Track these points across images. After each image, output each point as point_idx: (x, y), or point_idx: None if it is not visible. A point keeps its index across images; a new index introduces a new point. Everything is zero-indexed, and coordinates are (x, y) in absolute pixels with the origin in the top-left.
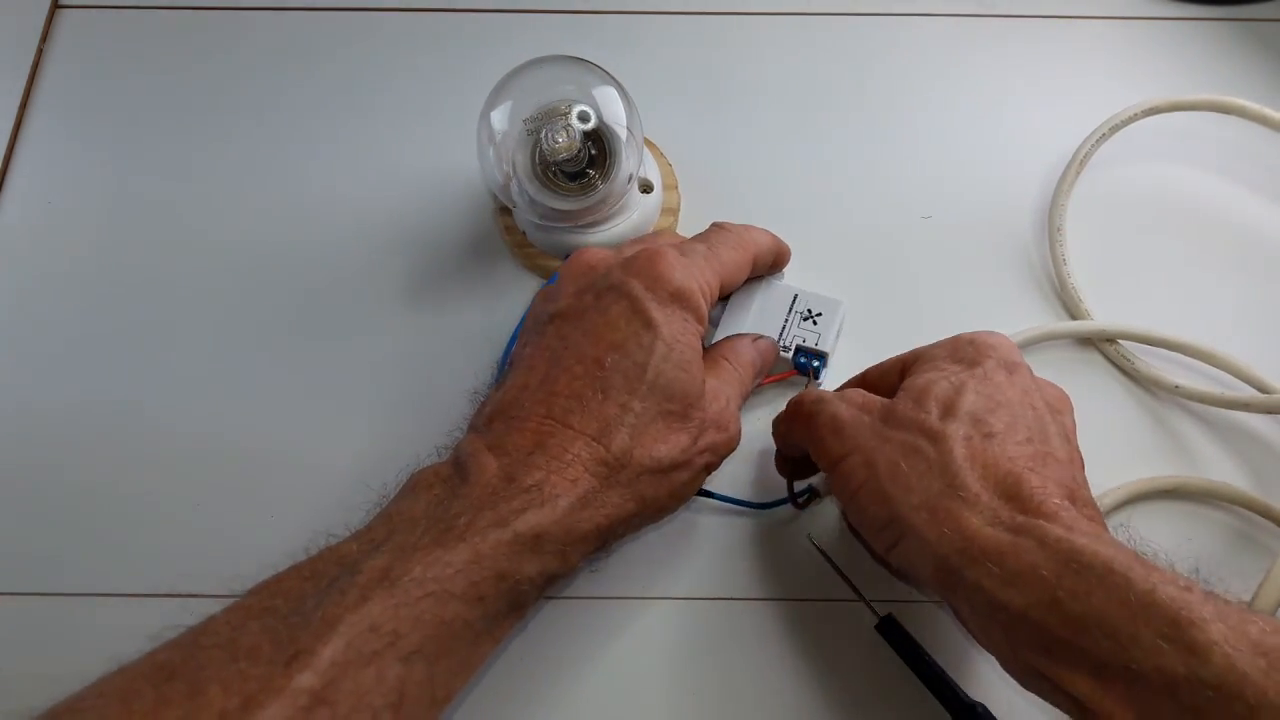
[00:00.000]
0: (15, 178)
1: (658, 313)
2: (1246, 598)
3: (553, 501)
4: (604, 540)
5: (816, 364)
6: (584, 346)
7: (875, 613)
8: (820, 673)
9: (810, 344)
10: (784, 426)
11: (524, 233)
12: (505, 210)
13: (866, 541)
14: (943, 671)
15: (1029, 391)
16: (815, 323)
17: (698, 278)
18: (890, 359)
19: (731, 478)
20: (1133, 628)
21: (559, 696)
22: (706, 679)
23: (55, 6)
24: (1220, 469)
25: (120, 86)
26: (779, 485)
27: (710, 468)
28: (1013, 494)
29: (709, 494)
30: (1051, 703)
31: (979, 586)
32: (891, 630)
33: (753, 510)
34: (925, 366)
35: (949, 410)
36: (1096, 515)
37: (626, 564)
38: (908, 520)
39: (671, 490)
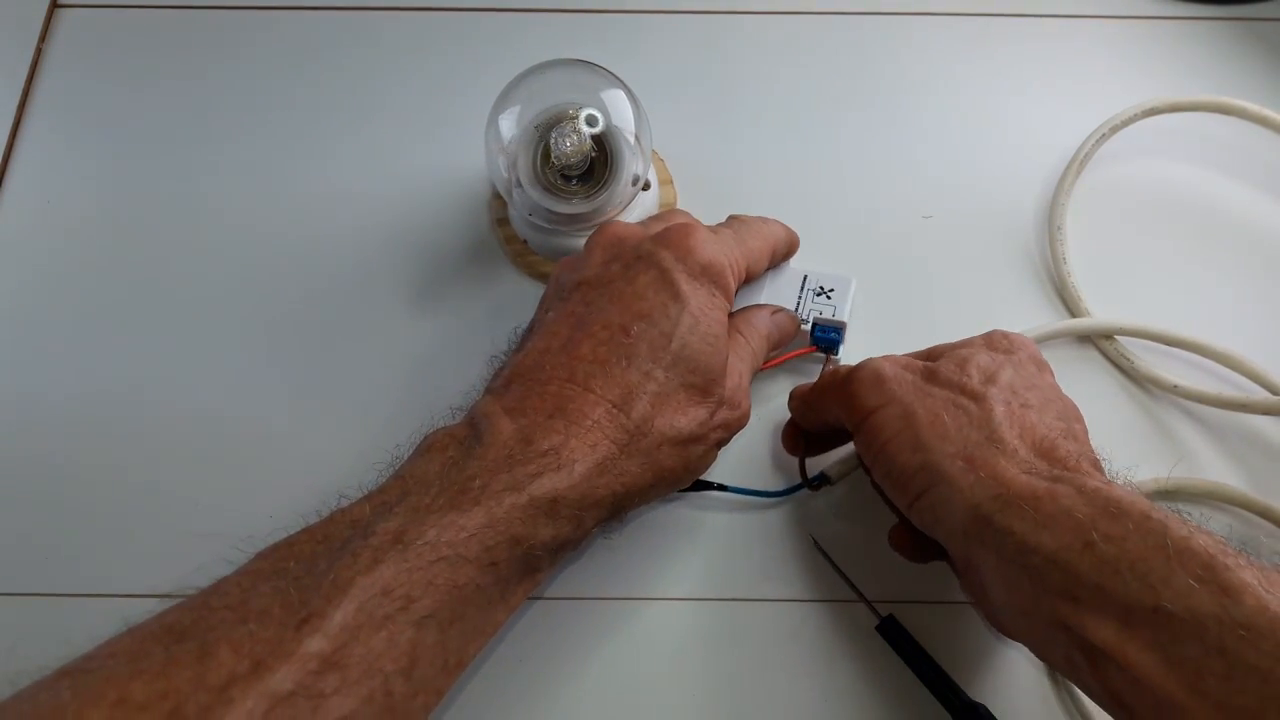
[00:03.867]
0: (14, 177)
1: (686, 285)
2: None
3: (569, 466)
4: (619, 508)
5: (834, 336)
6: (610, 313)
7: (876, 613)
8: (821, 673)
9: (827, 316)
10: (812, 397)
11: (524, 241)
12: (503, 220)
13: (888, 496)
14: (943, 672)
15: (1056, 389)
16: (829, 297)
17: (727, 255)
18: (912, 354)
19: (748, 467)
20: (1166, 570)
21: (559, 697)
22: (707, 680)
23: (54, 6)
24: (1217, 469)
25: (119, 86)
26: (790, 475)
27: (721, 444)
28: (1048, 454)
29: (723, 487)
30: (1064, 664)
31: (1010, 531)
32: (892, 631)
33: (767, 500)
34: (961, 347)
35: (990, 379)
36: None
37: (627, 564)
38: (941, 468)
39: (687, 463)
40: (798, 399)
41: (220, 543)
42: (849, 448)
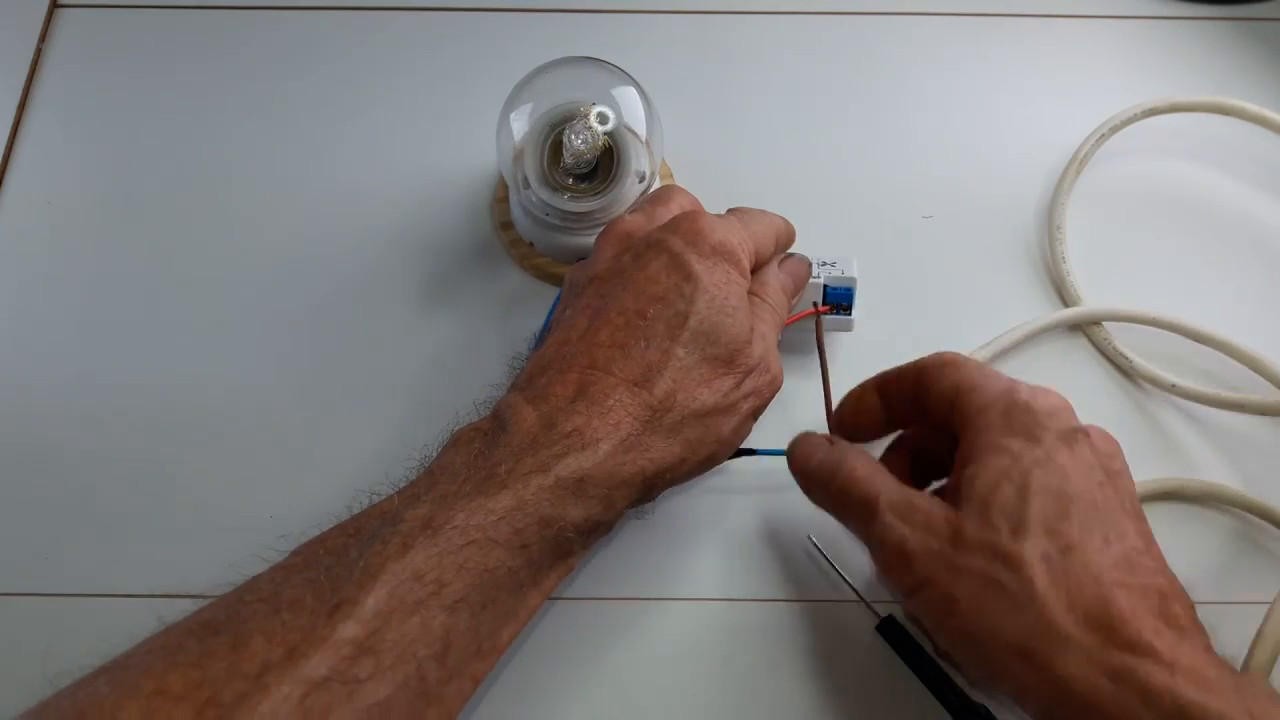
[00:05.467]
0: (14, 177)
1: (699, 265)
2: (1251, 603)
3: (594, 445)
4: (649, 487)
5: (846, 291)
6: (625, 300)
7: (876, 613)
8: (820, 673)
9: (836, 273)
10: (818, 497)
11: (530, 243)
12: (507, 224)
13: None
14: (944, 672)
15: (1093, 469)
16: (834, 266)
17: (736, 235)
18: (909, 364)
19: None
20: None
21: (558, 697)
22: (707, 680)
23: (54, 6)
24: (1216, 469)
25: (120, 86)
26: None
27: (756, 412)
28: (1104, 623)
29: (752, 451)
30: None
31: None
32: (892, 631)
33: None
34: (981, 446)
35: (1020, 524)
36: (1186, 614)
37: (627, 565)
38: (1001, 663)
39: (718, 437)
40: (801, 474)
41: (238, 541)
42: None
